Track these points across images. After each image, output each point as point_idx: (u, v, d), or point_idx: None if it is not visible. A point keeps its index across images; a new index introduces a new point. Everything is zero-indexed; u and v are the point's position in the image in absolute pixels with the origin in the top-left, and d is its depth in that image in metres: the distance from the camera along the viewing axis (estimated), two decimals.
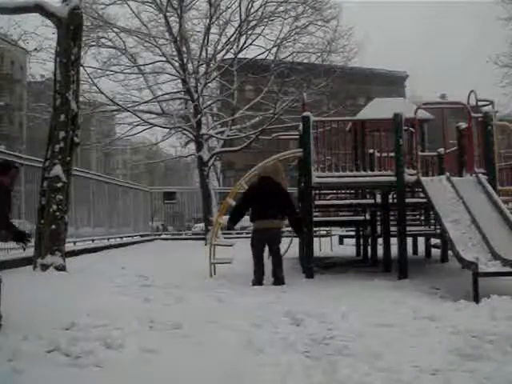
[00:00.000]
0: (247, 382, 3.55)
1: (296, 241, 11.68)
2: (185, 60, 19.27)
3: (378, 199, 10.32)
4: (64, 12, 9.14)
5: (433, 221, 10.80)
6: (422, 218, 12.20)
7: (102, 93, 18.81)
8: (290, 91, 22.01)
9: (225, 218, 9.37)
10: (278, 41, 20.13)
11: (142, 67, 20.42)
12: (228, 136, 20.30)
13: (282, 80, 20.92)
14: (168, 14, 19.00)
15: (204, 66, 19.98)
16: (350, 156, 10.50)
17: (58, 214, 8.80)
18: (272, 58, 20.50)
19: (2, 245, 10.00)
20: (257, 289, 7.53)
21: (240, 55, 20.75)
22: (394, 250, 9.17)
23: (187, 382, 3.57)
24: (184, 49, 19.33)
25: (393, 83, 42.56)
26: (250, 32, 20.07)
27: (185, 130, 20.03)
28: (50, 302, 5.99)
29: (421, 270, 9.35)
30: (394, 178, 8.74)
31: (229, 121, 20.59)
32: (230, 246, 9.83)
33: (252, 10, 19.51)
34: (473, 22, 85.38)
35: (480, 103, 9.87)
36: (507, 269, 6.44)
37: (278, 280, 7.89)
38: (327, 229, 15.60)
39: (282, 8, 19.92)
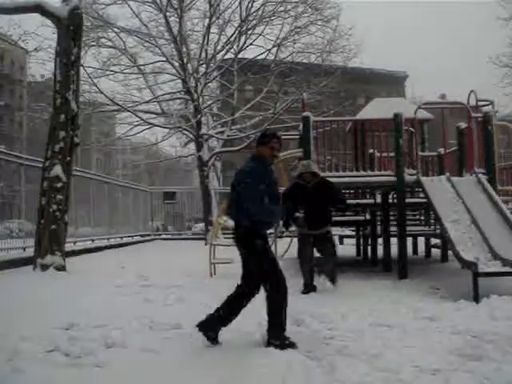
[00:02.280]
0: (247, 381, 3.55)
1: (296, 241, 11.67)
2: (185, 60, 19.28)
3: (378, 199, 10.32)
4: (64, 12, 9.15)
5: (433, 221, 10.80)
6: (422, 218, 12.20)
7: (102, 93, 18.83)
8: (290, 91, 22.05)
9: (225, 219, 9.37)
10: (278, 41, 20.17)
11: (141, 67, 20.45)
12: (228, 136, 20.31)
13: (281, 80, 20.95)
14: (168, 14, 19.04)
15: (204, 65, 19.99)
16: (350, 156, 10.51)
17: (58, 214, 8.80)
18: (272, 57, 20.53)
19: (1, 245, 10.01)
20: None
21: (240, 55, 20.79)
22: (394, 249, 9.17)
23: (187, 382, 3.57)
24: (184, 49, 19.35)
25: (393, 83, 42.54)
26: (249, 32, 20.12)
27: (185, 130, 20.05)
28: (50, 301, 5.99)
29: (421, 269, 9.35)
30: (393, 178, 8.74)
31: (229, 121, 20.60)
32: (230, 246, 9.82)
33: (252, 10, 19.57)
34: (473, 22, 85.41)
35: (480, 103, 9.88)
36: (507, 269, 6.44)
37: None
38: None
39: (282, 8, 19.98)
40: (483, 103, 10.04)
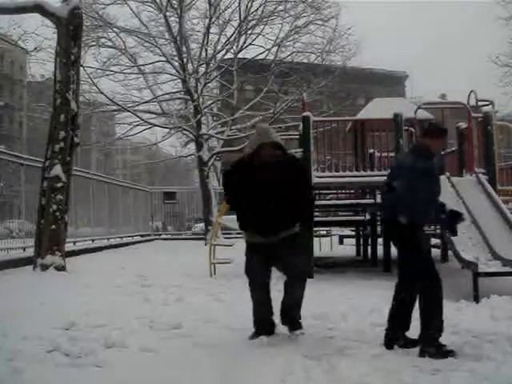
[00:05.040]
0: (247, 382, 3.54)
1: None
2: (185, 60, 19.27)
3: (378, 199, 10.31)
4: (64, 12, 9.14)
5: None
6: None
7: (102, 93, 18.82)
8: (289, 91, 22.04)
9: (225, 218, 9.37)
10: (278, 40, 20.16)
11: (141, 67, 20.44)
12: (228, 136, 20.30)
13: (281, 80, 20.94)
14: (168, 13, 19.02)
15: (204, 65, 19.98)
16: (350, 156, 10.51)
17: (58, 214, 8.80)
18: (272, 57, 20.53)
19: (1, 245, 10.02)
20: None
21: (240, 55, 20.78)
22: (394, 250, 9.15)
23: (187, 382, 3.57)
24: (184, 49, 19.34)
25: (393, 83, 42.52)
26: (249, 32, 20.12)
27: (185, 130, 20.03)
28: (49, 301, 5.98)
29: None
30: None
31: (229, 121, 20.59)
32: (230, 245, 9.83)
33: (252, 10, 19.56)
34: (472, 21, 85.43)
35: (480, 103, 9.89)
36: (507, 269, 6.45)
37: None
38: (327, 229, 15.58)
39: (281, 7, 19.98)
40: (483, 103, 10.05)
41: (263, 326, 4.51)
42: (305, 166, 5.35)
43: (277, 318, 4.66)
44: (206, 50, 19.84)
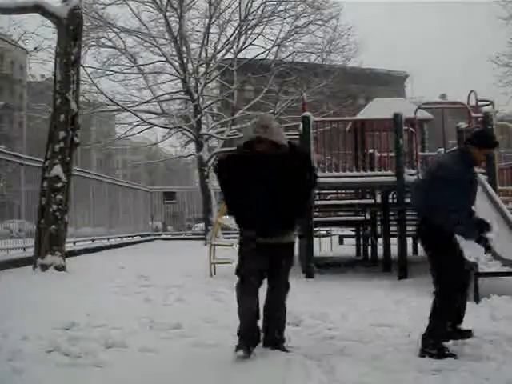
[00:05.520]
0: (247, 382, 3.54)
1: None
2: (185, 60, 19.28)
3: (378, 199, 10.32)
4: (64, 12, 9.14)
5: None
6: None
7: (102, 93, 18.83)
8: (289, 91, 22.03)
9: (225, 218, 9.37)
10: (278, 40, 20.18)
11: (141, 67, 20.44)
12: (228, 136, 20.29)
13: (281, 80, 20.94)
14: (168, 13, 19.03)
15: (204, 65, 19.99)
16: (350, 156, 10.51)
17: (58, 214, 8.80)
18: (272, 57, 20.53)
19: (1, 245, 10.02)
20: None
21: (240, 55, 20.79)
22: (394, 249, 9.17)
23: (187, 382, 3.57)
24: (184, 49, 19.35)
25: (393, 83, 42.48)
26: (249, 32, 20.12)
27: (185, 130, 20.04)
28: (49, 301, 5.98)
29: (421, 269, 9.33)
30: (394, 178, 8.74)
31: (229, 121, 20.59)
32: (230, 245, 9.82)
33: (252, 10, 19.56)
34: (472, 21, 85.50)
35: (480, 103, 9.89)
36: (507, 269, 6.45)
37: None
38: (327, 229, 15.58)
39: (281, 7, 19.99)
40: (483, 103, 10.05)
41: (251, 335, 4.06)
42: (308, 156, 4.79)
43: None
44: (206, 50, 19.85)
